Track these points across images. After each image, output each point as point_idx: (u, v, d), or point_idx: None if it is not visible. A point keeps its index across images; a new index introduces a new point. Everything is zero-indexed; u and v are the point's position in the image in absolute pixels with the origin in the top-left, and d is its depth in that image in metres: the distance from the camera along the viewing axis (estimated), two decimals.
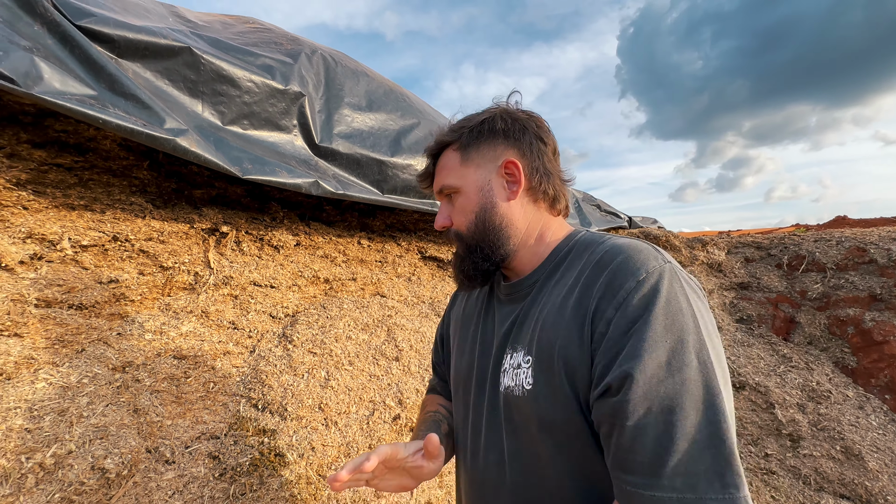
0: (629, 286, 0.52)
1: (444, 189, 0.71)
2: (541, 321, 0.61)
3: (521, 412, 0.60)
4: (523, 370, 0.61)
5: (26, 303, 1.02)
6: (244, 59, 1.34)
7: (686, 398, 0.47)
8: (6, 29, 0.89)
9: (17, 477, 0.82)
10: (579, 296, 0.57)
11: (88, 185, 1.25)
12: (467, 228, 0.69)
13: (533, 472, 0.60)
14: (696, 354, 0.48)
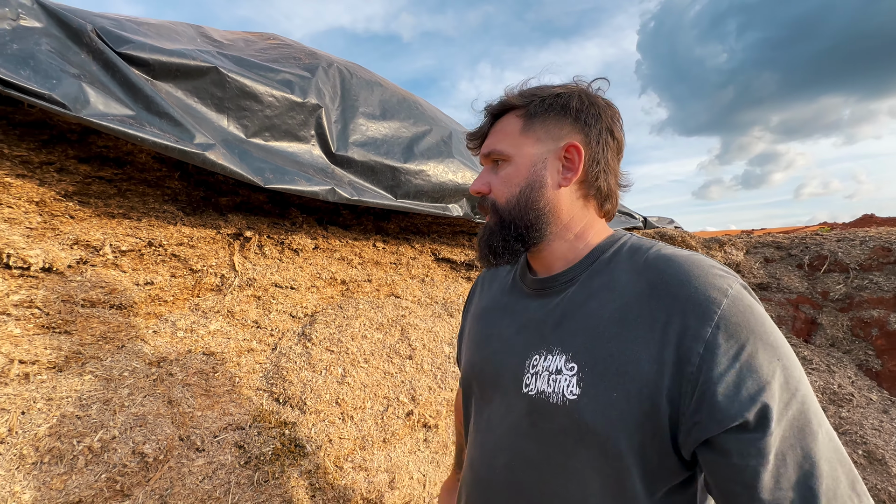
0: (718, 300, 0.48)
1: (493, 154, 0.66)
2: (592, 329, 0.56)
3: (555, 421, 0.56)
4: (565, 377, 0.55)
5: (74, 303, 1.13)
6: (266, 75, 1.43)
7: (811, 416, 0.45)
8: (58, 59, 1.00)
9: (70, 458, 0.93)
10: (650, 309, 0.52)
11: (126, 195, 1.36)
12: (507, 201, 0.64)
13: (556, 483, 0.56)
14: (794, 364, 0.47)
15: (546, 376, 0.57)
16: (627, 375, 0.50)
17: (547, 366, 0.57)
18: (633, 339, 0.51)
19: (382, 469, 1.54)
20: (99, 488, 0.94)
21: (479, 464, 0.67)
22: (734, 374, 0.45)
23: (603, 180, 0.63)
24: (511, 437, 0.61)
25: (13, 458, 0.87)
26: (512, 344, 0.65)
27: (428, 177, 1.86)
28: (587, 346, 0.55)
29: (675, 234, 3.52)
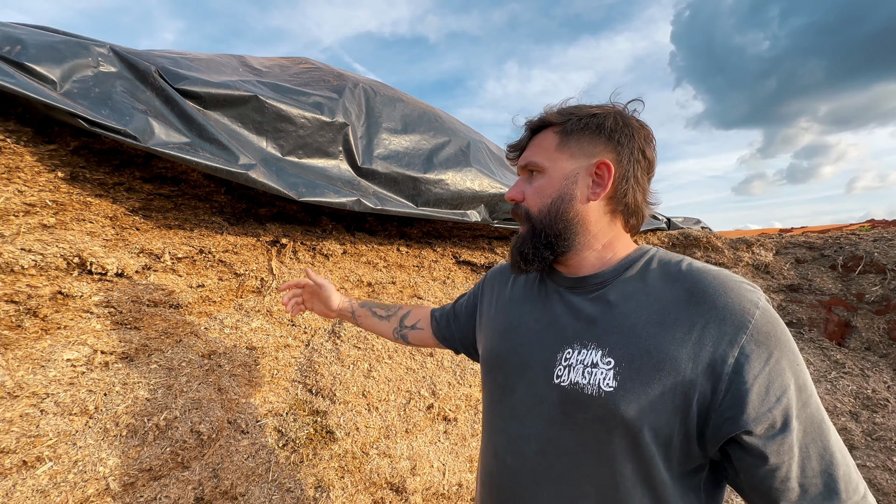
0: (752, 312, 0.54)
1: (530, 165, 0.71)
2: (630, 328, 0.60)
3: (588, 411, 0.60)
4: (601, 371, 0.59)
5: (141, 303, 1.33)
6: (298, 98, 1.60)
7: (823, 415, 0.54)
8: (129, 98, 1.19)
9: (142, 433, 1.11)
10: (687, 312, 0.57)
11: (181, 208, 1.56)
12: (539, 211, 0.69)
13: (589, 468, 0.60)
14: (807, 373, 0.55)
15: (580, 369, 0.61)
16: (664, 372, 0.55)
17: (581, 359, 0.61)
18: (671, 339, 0.56)
19: (405, 457, 1.67)
20: (164, 459, 1.12)
21: (504, 452, 0.69)
22: (764, 377, 0.52)
23: (631, 197, 0.67)
24: (542, 425, 0.64)
25: (99, 431, 1.05)
26: (541, 337, 0.68)
27: (447, 185, 1.98)
28: (624, 343, 0.59)
29: (701, 234, 3.48)
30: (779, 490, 0.52)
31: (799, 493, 0.51)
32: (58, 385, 1.05)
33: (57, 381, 1.05)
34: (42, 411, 1.00)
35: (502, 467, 0.69)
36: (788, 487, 0.52)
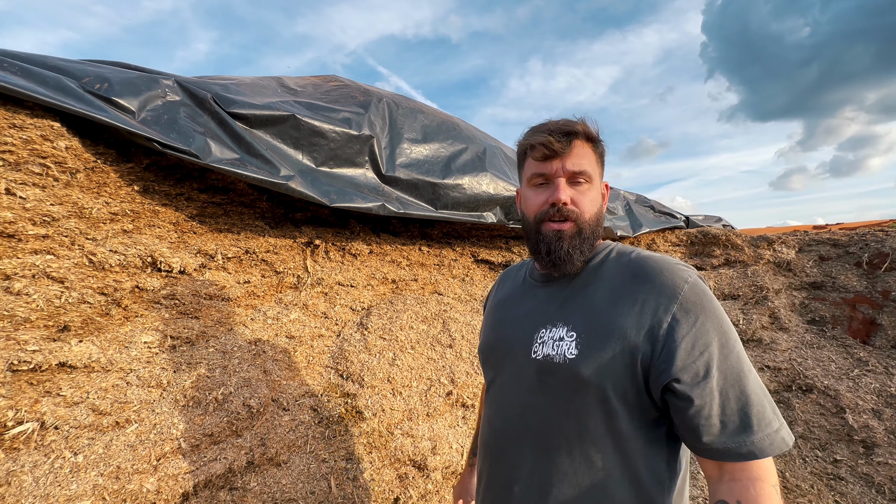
0: (682, 286, 0.67)
1: (582, 174, 0.77)
2: (589, 307, 0.73)
3: (558, 376, 0.71)
4: (566, 342, 0.72)
5: (199, 296, 1.55)
6: (329, 115, 1.79)
7: (743, 365, 0.65)
8: (191, 122, 1.41)
9: (204, 404, 1.32)
10: (632, 289, 0.70)
11: (230, 214, 1.78)
12: (590, 217, 0.78)
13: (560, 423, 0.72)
14: (734, 332, 0.67)
15: (551, 343, 0.73)
16: (615, 338, 0.68)
17: (552, 336, 0.74)
18: (620, 313, 0.69)
19: (426, 437, 1.84)
20: (222, 427, 1.32)
21: (494, 418, 0.82)
22: (691, 337, 0.64)
23: None
24: (522, 393, 0.76)
25: (171, 401, 1.27)
26: (521, 323, 0.81)
27: (464, 190, 2.14)
28: (584, 319, 0.72)
29: (720, 232, 3.50)
30: (703, 426, 0.63)
31: (720, 427, 0.62)
32: (138, 362, 1.27)
33: (137, 359, 1.28)
34: (127, 383, 1.22)
35: (492, 431, 0.82)
36: (711, 423, 0.63)
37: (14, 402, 1.02)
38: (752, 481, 0.61)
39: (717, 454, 0.63)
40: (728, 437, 0.62)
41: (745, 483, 0.61)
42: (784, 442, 0.63)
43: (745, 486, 0.61)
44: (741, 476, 0.62)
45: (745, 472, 0.62)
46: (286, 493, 1.40)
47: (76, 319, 1.20)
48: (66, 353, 1.14)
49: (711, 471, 0.66)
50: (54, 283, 1.16)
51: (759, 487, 0.60)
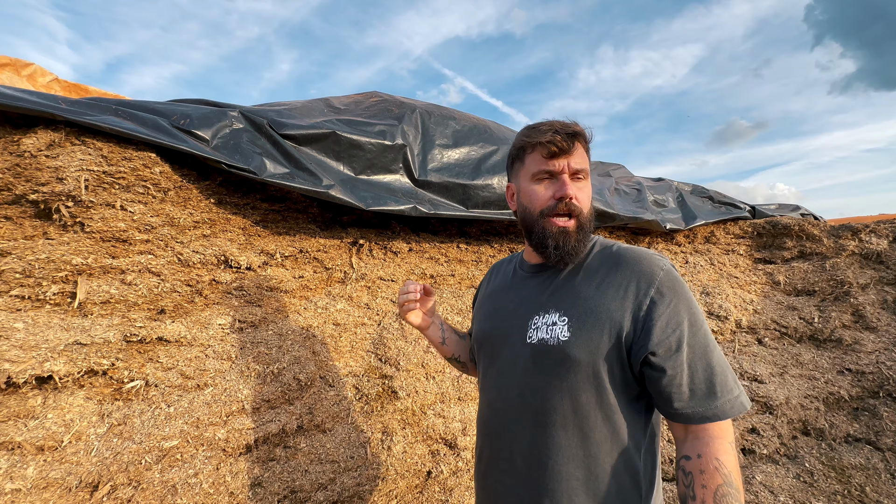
0: (658, 273, 0.77)
1: (581, 171, 0.85)
2: (577, 294, 0.81)
3: (552, 357, 0.78)
4: (559, 326, 0.79)
5: (262, 288, 1.86)
6: (366, 129, 2.03)
7: (709, 342, 0.74)
8: (251, 145, 1.72)
9: (263, 376, 1.61)
10: (616, 277, 0.79)
11: (287, 219, 2.09)
12: (588, 212, 0.86)
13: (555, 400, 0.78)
14: (702, 313, 0.76)
15: (545, 328, 0.81)
16: (601, 320, 0.76)
17: (545, 321, 0.81)
18: (606, 297, 0.78)
19: (457, 419, 2.00)
20: (277, 395, 1.61)
21: (494, 399, 0.89)
22: (665, 316, 0.74)
23: None
24: (520, 375, 0.83)
25: (238, 372, 1.57)
26: (515, 312, 0.89)
27: (493, 189, 2.26)
28: (574, 305, 0.80)
29: (791, 222, 3.21)
30: (675, 394, 0.72)
31: (689, 394, 0.72)
32: (214, 340, 1.60)
33: (214, 337, 1.60)
34: (206, 355, 1.55)
35: (493, 412, 0.89)
36: (682, 391, 0.72)
37: (128, 365, 1.37)
38: (712, 438, 0.71)
39: (686, 418, 0.72)
40: (696, 402, 0.72)
41: (705, 440, 0.71)
42: (742, 406, 0.72)
43: (705, 442, 0.71)
44: (703, 435, 0.72)
45: (706, 431, 0.71)
46: (329, 455, 1.65)
47: (170, 304, 1.55)
48: (162, 330, 1.48)
49: (679, 433, 0.76)
50: (154, 276, 1.51)
51: (718, 443, 0.70)
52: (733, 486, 0.66)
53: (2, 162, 1.32)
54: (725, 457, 0.69)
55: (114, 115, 1.47)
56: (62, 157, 1.34)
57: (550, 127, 0.85)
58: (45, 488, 1.14)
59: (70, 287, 1.37)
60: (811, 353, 2.87)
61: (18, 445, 1.17)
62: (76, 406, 1.28)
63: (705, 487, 0.67)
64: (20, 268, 1.30)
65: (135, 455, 1.26)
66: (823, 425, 2.65)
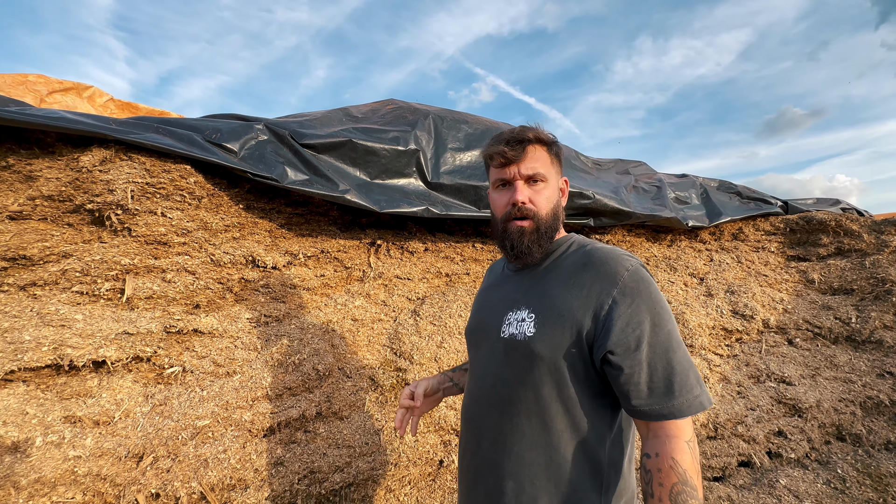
0: (622, 273, 0.79)
1: (537, 175, 0.89)
2: (545, 290, 0.85)
3: (519, 351, 0.83)
4: (527, 323, 0.83)
5: (286, 286, 2.03)
6: (381, 136, 2.15)
7: (672, 342, 0.75)
8: (275, 155, 1.88)
9: (285, 365, 1.77)
10: (582, 278, 0.82)
11: (309, 222, 2.25)
12: (546, 214, 0.89)
13: (520, 391, 0.83)
14: (669, 313, 0.78)
15: (515, 324, 0.85)
16: (565, 319, 0.79)
17: (516, 317, 0.86)
18: (571, 296, 0.81)
19: None
20: (298, 383, 1.75)
21: (473, 387, 0.95)
22: (626, 316, 0.75)
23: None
24: (493, 366, 0.89)
25: (262, 361, 1.73)
26: (496, 308, 0.94)
27: None
28: (541, 302, 0.84)
29: (827, 217, 3.05)
30: (632, 391, 0.75)
31: (647, 392, 0.74)
32: (242, 332, 1.77)
33: (242, 329, 1.78)
34: (235, 346, 1.72)
35: (471, 399, 0.95)
36: (640, 389, 0.74)
37: (168, 353, 1.56)
38: (669, 437, 0.73)
39: (644, 415, 0.74)
40: (654, 400, 0.74)
41: (662, 438, 0.73)
42: (700, 405, 0.74)
43: (662, 441, 0.73)
44: (661, 433, 0.74)
45: (664, 429, 0.73)
46: (346, 441, 1.79)
47: (203, 300, 1.73)
48: (197, 323, 1.66)
49: (641, 429, 0.78)
50: (189, 275, 1.70)
51: (674, 442, 0.72)
52: (689, 484, 0.69)
53: (65, 177, 1.54)
54: (681, 455, 0.71)
55: (155, 132, 1.66)
56: (112, 172, 1.55)
57: (502, 137, 0.92)
58: (100, 456, 1.34)
59: (119, 284, 1.57)
60: (847, 355, 2.73)
61: (79, 419, 1.37)
62: (125, 388, 1.47)
63: (662, 486, 0.70)
64: (80, 267, 1.51)
65: (173, 431, 1.44)
66: (860, 431, 2.52)
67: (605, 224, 2.69)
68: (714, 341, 2.71)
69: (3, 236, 1.47)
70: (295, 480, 1.60)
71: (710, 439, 2.38)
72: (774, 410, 2.53)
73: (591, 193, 2.52)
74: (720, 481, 2.30)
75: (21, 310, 1.43)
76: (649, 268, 2.93)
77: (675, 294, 2.81)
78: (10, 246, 1.47)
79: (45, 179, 1.52)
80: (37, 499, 1.22)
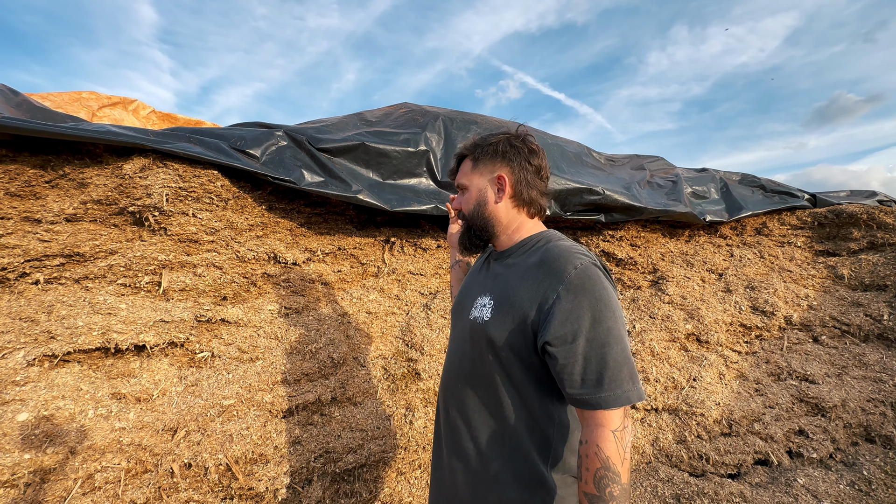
0: (570, 271, 0.83)
1: (460, 185, 1.06)
2: (505, 281, 0.93)
3: (478, 333, 0.92)
4: (486, 308, 0.93)
5: (305, 280, 2.18)
6: (392, 138, 2.27)
7: (610, 338, 0.79)
8: (293, 159, 2.04)
9: (302, 353, 1.91)
10: (535, 272, 0.88)
11: (327, 221, 2.40)
12: (469, 215, 1.03)
13: (477, 369, 0.94)
14: (613, 311, 0.81)
15: (479, 308, 0.94)
16: (516, 308, 0.87)
17: (480, 302, 0.95)
18: (524, 288, 0.88)
19: None
20: (315, 370, 1.90)
21: (447, 360, 1.07)
22: (566, 311, 0.80)
23: (526, 194, 1.00)
24: (461, 343, 1.00)
25: (283, 349, 1.89)
26: (472, 291, 1.04)
27: None
28: (500, 291, 0.92)
29: (858, 210, 2.93)
30: (566, 380, 0.81)
31: (580, 382, 0.80)
32: (265, 322, 1.93)
33: (264, 320, 1.94)
34: (257, 335, 1.88)
35: (445, 372, 1.07)
36: (573, 378, 0.80)
37: (199, 339, 1.73)
38: (597, 426, 0.78)
39: (576, 403, 0.81)
40: (585, 390, 0.79)
41: (592, 426, 0.79)
42: (628, 399, 0.78)
43: (591, 429, 0.79)
44: (591, 422, 0.79)
45: (594, 419, 0.79)
46: (359, 424, 1.91)
47: (230, 293, 1.91)
48: (225, 313, 1.83)
49: (579, 416, 0.84)
50: (217, 270, 1.88)
51: (601, 431, 0.77)
52: (611, 469, 0.74)
53: (111, 183, 1.75)
54: (605, 444, 0.76)
55: (187, 141, 1.85)
56: (150, 178, 1.74)
57: None
58: (140, 429, 1.52)
59: (157, 278, 1.76)
60: (878, 354, 2.62)
61: (124, 396, 1.56)
62: (162, 370, 1.66)
63: (588, 470, 0.76)
64: (123, 263, 1.71)
65: (202, 409, 1.61)
66: (891, 432, 2.42)
67: (617, 220, 2.70)
68: (731, 338, 2.67)
69: (61, 236, 1.69)
70: (311, 458, 1.74)
71: (723, 436, 2.35)
72: (795, 409, 2.47)
73: (601, 189, 2.54)
74: (735, 478, 2.28)
75: (76, 300, 1.64)
76: (664, 263, 2.91)
77: (690, 290, 2.78)
78: (66, 244, 1.69)
79: (94, 185, 1.73)
80: (89, 463, 1.41)
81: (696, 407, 2.36)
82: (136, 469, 1.47)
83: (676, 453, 2.29)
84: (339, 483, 1.79)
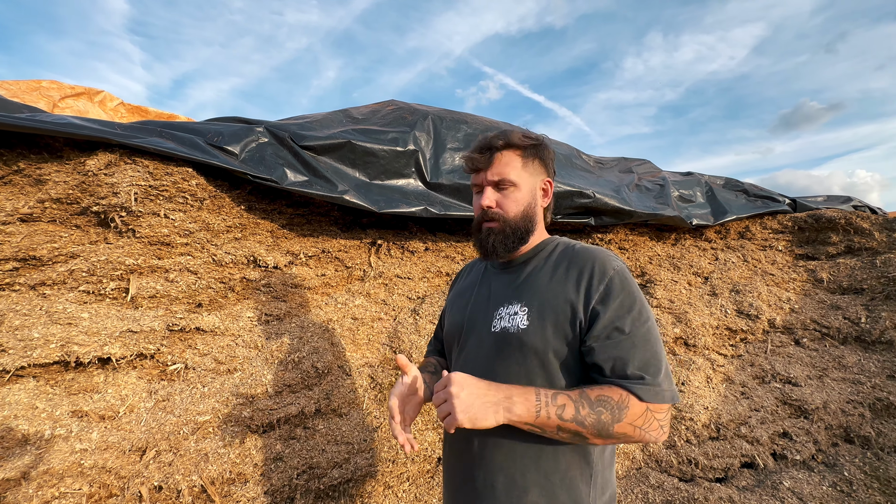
0: (610, 273, 0.84)
1: (504, 181, 0.93)
2: (537, 287, 0.89)
3: (513, 344, 0.86)
4: (519, 316, 0.87)
5: (287, 285, 2.06)
6: (380, 137, 2.18)
7: (650, 335, 0.81)
8: (275, 156, 1.92)
9: (285, 363, 1.80)
10: (570, 274, 0.87)
11: (311, 222, 2.29)
12: (514, 216, 0.94)
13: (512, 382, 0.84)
14: (648, 311, 0.83)
15: (507, 318, 0.89)
16: (557, 312, 0.84)
17: (508, 312, 0.90)
18: (559, 290, 0.86)
19: None
20: (297, 381, 1.79)
21: None
22: (611, 311, 0.81)
23: (552, 201, 1.03)
24: (482, 360, 0.92)
25: (262, 359, 1.77)
26: (483, 305, 0.98)
27: None
28: (533, 297, 0.88)
29: (837, 214, 3.00)
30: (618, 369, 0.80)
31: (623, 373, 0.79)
32: (243, 330, 1.81)
33: (243, 328, 1.82)
34: (236, 344, 1.76)
35: None
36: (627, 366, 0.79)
37: (171, 350, 1.60)
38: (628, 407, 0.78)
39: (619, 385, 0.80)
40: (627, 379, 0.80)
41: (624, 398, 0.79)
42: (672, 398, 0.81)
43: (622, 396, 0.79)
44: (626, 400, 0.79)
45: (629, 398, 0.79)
46: (345, 437, 1.82)
47: (205, 299, 1.78)
48: (200, 321, 1.71)
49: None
50: (192, 275, 1.75)
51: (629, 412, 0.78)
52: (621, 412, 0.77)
53: (72, 180, 1.60)
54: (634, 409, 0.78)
55: (158, 136, 1.71)
56: (117, 175, 1.60)
57: (475, 144, 0.98)
58: (105, 450, 1.39)
59: (124, 284, 1.62)
60: (857, 356, 2.68)
61: (86, 414, 1.43)
62: (130, 383, 1.52)
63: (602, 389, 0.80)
64: (86, 267, 1.57)
65: (175, 426, 1.48)
66: (869, 433, 2.48)
67: (607, 223, 2.68)
68: (718, 341, 2.69)
69: (15, 238, 1.53)
70: (294, 475, 1.64)
71: (711, 440, 2.36)
72: (779, 411, 2.50)
73: (592, 192, 2.51)
74: (722, 482, 2.28)
75: (31, 308, 1.49)
76: (652, 266, 2.91)
77: (677, 293, 2.78)
78: (21, 247, 1.53)
79: (53, 183, 1.58)
80: (45, 489, 1.27)
81: (686, 411, 2.36)
82: (100, 494, 1.34)
83: (666, 458, 2.28)
84: (324, 500, 1.69)
